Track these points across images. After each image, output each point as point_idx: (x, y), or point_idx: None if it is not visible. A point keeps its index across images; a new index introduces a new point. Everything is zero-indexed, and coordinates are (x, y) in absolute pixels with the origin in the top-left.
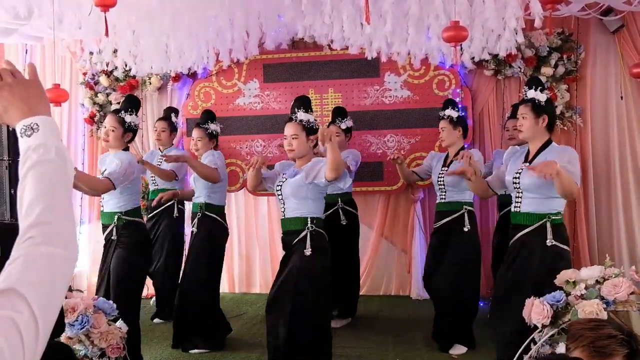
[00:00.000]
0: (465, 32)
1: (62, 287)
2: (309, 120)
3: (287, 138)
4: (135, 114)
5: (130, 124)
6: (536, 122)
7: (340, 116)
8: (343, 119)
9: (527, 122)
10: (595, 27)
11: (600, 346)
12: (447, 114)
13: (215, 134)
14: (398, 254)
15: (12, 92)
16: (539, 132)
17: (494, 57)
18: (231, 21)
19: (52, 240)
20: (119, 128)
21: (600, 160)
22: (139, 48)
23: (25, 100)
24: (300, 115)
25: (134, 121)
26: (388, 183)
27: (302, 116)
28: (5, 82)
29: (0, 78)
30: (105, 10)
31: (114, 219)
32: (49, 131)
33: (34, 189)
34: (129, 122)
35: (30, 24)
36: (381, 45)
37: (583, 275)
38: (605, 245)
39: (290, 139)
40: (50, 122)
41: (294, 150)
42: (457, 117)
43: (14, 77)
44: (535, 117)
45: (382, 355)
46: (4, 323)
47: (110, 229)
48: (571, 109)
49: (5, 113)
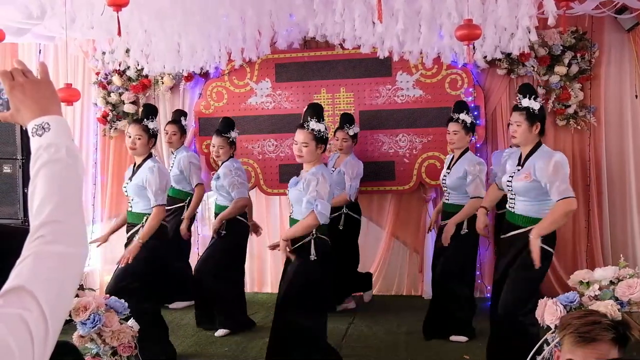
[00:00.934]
0: (478, 31)
1: (72, 285)
2: (320, 130)
3: (297, 144)
4: (154, 120)
5: (153, 129)
6: (530, 129)
7: (348, 122)
8: (351, 125)
9: (521, 129)
10: (609, 26)
11: (584, 332)
12: (462, 119)
13: (234, 141)
14: (410, 253)
15: (23, 92)
16: (532, 137)
17: (506, 56)
18: (243, 20)
19: (62, 239)
20: (144, 136)
21: (614, 160)
22: (151, 47)
23: (36, 99)
24: (312, 124)
25: (156, 127)
26: (399, 183)
27: (313, 125)
28: (17, 82)
29: (12, 78)
30: (118, 9)
31: (142, 220)
32: (61, 131)
33: (44, 187)
34: (152, 129)
35: (43, 24)
36: (393, 44)
37: (597, 276)
38: (619, 245)
39: (300, 145)
40: (62, 122)
41: (303, 157)
42: (471, 122)
43: (25, 76)
44: (529, 124)
45: (394, 355)
46: (13, 321)
47: (136, 229)
48: (585, 108)
49: (17, 113)
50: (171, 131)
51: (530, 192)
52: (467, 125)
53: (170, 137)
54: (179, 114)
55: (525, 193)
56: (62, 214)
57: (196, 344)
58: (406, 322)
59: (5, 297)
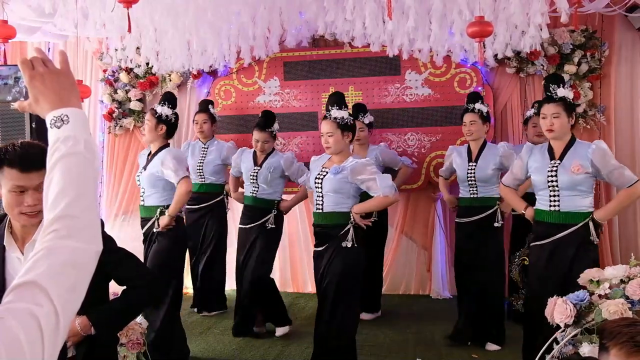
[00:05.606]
0: (490, 28)
1: (84, 281)
2: (342, 117)
3: (323, 135)
4: (168, 108)
5: (162, 115)
6: (569, 120)
7: (361, 112)
8: (365, 114)
9: (561, 120)
10: (619, 24)
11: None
12: (478, 108)
13: (275, 134)
14: (418, 253)
15: (43, 83)
16: (568, 129)
17: (516, 55)
18: (253, 18)
19: (76, 234)
20: (152, 120)
21: (624, 159)
22: (161, 45)
23: (56, 91)
24: (334, 112)
25: (167, 114)
26: (408, 181)
27: (336, 113)
28: (37, 72)
29: (32, 67)
30: (128, 6)
31: (155, 213)
32: (79, 123)
33: (61, 181)
34: (161, 114)
35: (54, 22)
36: (403, 42)
37: (607, 274)
38: (629, 244)
39: (326, 136)
40: (81, 115)
41: (331, 147)
42: (487, 111)
43: (45, 66)
44: (568, 115)
45: (402, 353)
46: (23, 315)
47: (151, 222)
48: (595, 107)
49: (36, 103)
50: (202, 120)
51: (581, 184)
52: (483, 115)
53: (201, 126)
54: (206, 103)
55: (573, 187)
56: (77, 209)
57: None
58: (414, 321)
59: (16, 292)
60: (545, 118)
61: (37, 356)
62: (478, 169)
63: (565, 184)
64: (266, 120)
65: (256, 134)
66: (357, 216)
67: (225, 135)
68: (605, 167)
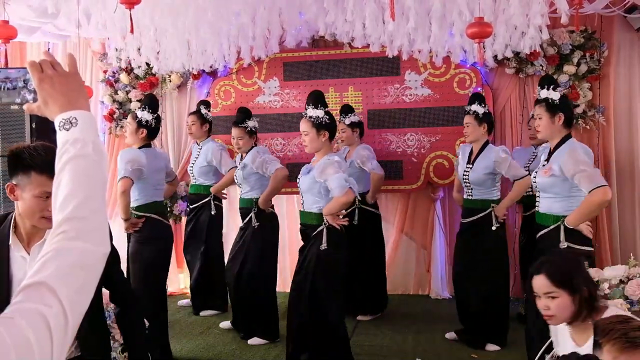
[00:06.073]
0: (490, 29)
1: (93, 282)
2: (318, 116)
3: (302, 134)
4: (149, 112)
5: (142, 118)
6: (552, 121)
7: (344, 113)
8: (347, 115)
9: (543, 122)
10: (619, 25)
11: (633, 337)
12: (473, 110)
13: (254, 130)
14: (417, 253)
15: (52, 85)
16: (557, 130)
17: (515, 55)
18: (253, 18)
19: (84, 235)
20: (132, 123)
21: (623, 159)
22: (161, 45)
23: (65, 93)
24: (310, 111)
25: (146, 118)
26: (408, 182)
27: (311, 112)
28: (46, 75)
29: (41, 70)
30: (130, 7)
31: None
32: (88, 126)
33: (69, 183)
34: (140, 118)
35: (54, 22)
36: (403, 42)
37: (607, 274)
38: (628, 244)
39: (303, 135)
40: (89, 117)
41: (307, 146)
42: (483, 113)
43: (54, 69)
44: (551, 116)
45: (402, 353)
46: (32, 316)
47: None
48: (594, 108)
49: (45, 106)
50: (190, 121)
51: (553, 187)
52: (479, 116)
53: (189, 127)
54: (200, 104)
55: (548, 189)
56: (86, 211)
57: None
58: (414, 320)
59: (25, 292)
60: (535, 120)
61: (46, 356)
62: (472, 172)
63: (540, 185)
64: (239, 116)
65: (232, 131)
66: (330, 217)
67: (225, 136)
68: (570, 171)
